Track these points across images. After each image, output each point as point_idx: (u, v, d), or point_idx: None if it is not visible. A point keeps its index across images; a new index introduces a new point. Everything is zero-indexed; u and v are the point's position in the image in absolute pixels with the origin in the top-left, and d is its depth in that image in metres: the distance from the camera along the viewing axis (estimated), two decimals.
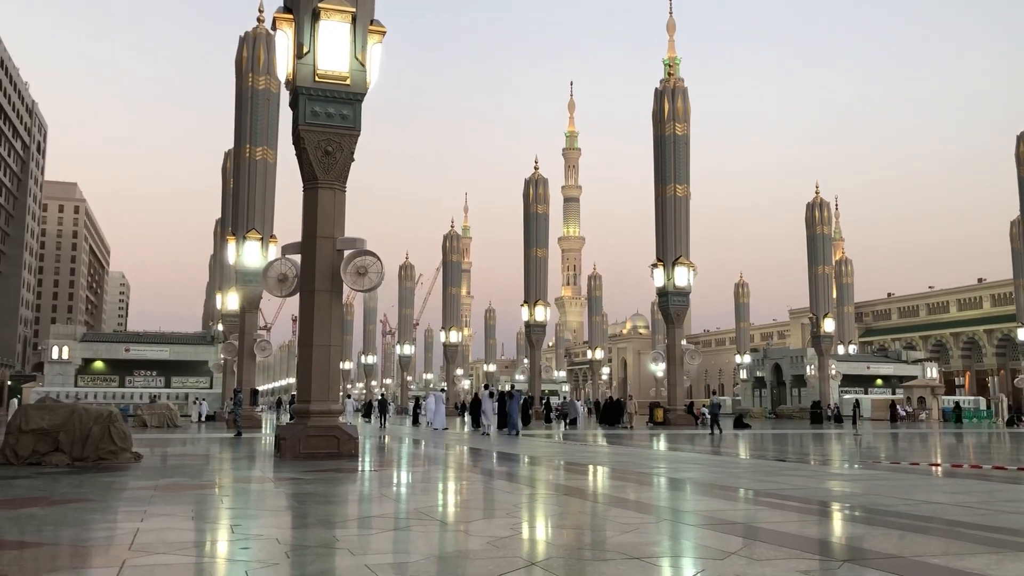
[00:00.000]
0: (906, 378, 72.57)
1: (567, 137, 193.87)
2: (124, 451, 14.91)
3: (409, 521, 7.89)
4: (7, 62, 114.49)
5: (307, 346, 16.75)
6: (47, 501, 9.19)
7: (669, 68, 50.00)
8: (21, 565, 5.67)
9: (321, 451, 15.94)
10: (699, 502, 9.59)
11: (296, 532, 7.24)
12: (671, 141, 46.63)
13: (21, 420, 14.52)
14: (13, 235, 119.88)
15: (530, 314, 61.23)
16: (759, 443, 27.59)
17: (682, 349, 46.88)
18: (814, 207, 65.45)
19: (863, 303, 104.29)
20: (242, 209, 40.66)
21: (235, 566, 5.66)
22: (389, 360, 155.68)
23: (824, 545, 6.68)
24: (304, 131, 16.67)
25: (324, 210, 16.81)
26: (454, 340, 78.99)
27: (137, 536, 6.62)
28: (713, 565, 5.54)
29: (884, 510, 8.57)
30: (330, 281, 16.72)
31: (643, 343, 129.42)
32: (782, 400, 77.43)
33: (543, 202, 62.79)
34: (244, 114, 40.73)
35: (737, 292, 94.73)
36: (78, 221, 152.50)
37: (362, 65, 16.97)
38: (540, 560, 5.83)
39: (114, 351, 60.71)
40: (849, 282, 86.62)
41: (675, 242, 45.79)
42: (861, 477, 13.63)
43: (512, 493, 10.79)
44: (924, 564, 5.59)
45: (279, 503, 9.62)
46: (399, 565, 5.63)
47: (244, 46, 41.12)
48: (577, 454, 19.76)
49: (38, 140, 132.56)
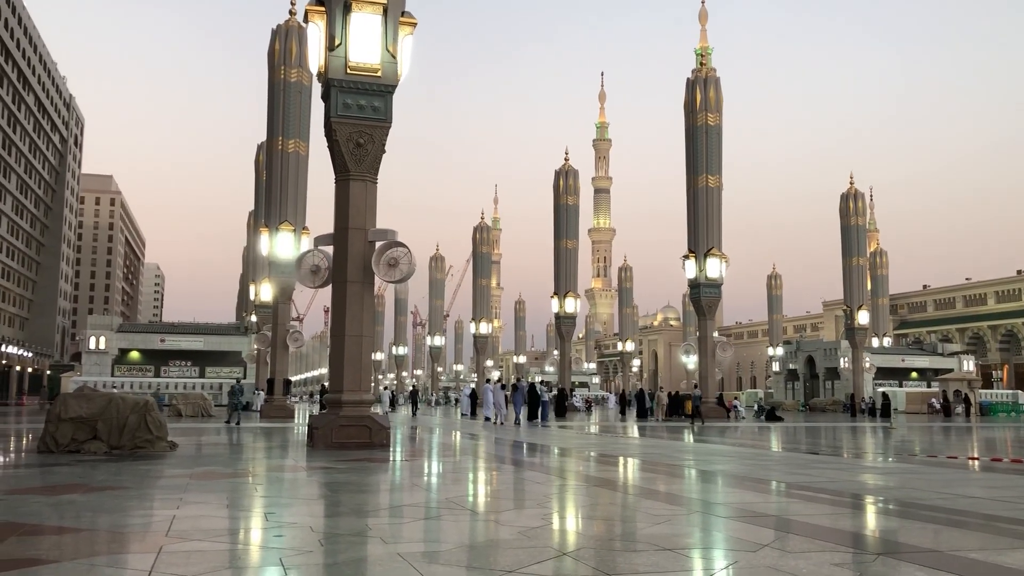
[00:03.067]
0: (942, 371, 71.52)
1: (598, 128, 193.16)
2: (160, 440, 15.13)
3: (440, 510, 7.94)
4: (46, 58, 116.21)
5: (339, 336, 16.87)
6: (86, 488, 9.35)
7: (701, 58, 49.41)
8: (61, 550, 5.78)
9: (353, 441, 16.05)
10: (730, 494, 9.53)
11: (329, 520, 7.30)
12: (703, 131, 46.22)
13: (60, 409, 14.79)
14: (52, 227, 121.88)
15: (560, 306, 61.11)
16: (791, 436, 27.36)
17: (714, 341, 46.54)
18: (848, 198, 64.59)
19: (898, 295, 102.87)
20: (275, 201, 41.00)
21: (269, 553, 5.73)
22: (419, 351, 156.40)
23: (858, 538, 6.61)
24: (336, 123, 16.76)
25: (356, 202, 16.89)
26: (484, 332, 79.11)
27: (173, 523, 6.71)
28: (746, 557, 5.51)
29: (919, 504, 8.46)
30: (362, 272, 16.81)
31: (674, 335, 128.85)
32: (815, 393, 76.66)
33: (573, 193, 62.56)
34: (276, 107, 41.03)
35: (770, 284, 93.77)
36: (114, 213, 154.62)
37: (393, 57, 17.01)
38: (571, 550, 5.83)
39: (149, 341, 61.57)
40: (884, 274, 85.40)
41: (707, 233, 45.42)
42: (895, 470, 13.48)
43: (543, 484, 10.80)
44: (961, 558, 5.50)
45: (312, 491, 9.71)
46: (431, 554, 5.67)
47: (276, 39, 41.38)
48: (609, 446, 19.72)
49: (75, 134, 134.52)
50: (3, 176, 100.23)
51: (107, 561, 5.44)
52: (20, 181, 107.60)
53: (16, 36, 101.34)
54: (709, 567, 5.41)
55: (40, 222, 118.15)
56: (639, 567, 5.20)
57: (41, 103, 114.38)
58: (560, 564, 5.28)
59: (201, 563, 5.20)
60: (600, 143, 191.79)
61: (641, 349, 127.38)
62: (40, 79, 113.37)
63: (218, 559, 5.46)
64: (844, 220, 64.69)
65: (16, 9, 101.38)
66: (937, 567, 5.17)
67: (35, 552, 5.61)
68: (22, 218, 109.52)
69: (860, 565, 5.31)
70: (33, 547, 5.80)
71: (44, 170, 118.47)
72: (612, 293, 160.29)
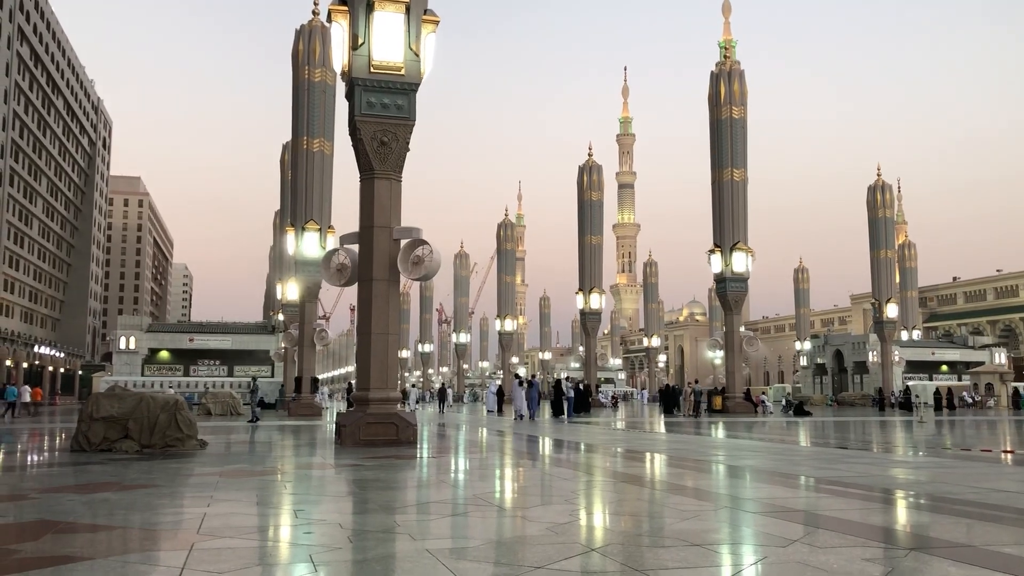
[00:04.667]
0: (973, 364, 70.62)
1: (621, 123, 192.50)
2: (190, 438, 15.30)
3: (467, 507, 7.95)
4: (74, 62, 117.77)
5: (365, 334, 16.94)
6: (118, 486, 9.47)
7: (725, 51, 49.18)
8: (95, 547, 5.86)
9: (380, 438, 16.11)
10: (759, 489, 9.47)
11: (357, 517, 7.34)
12: (727, 125, 45.94)
13: (92, 408, 15.00)
14: (81, 229, 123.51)
15: (585, 302, 61.03)
16: (820, 430, 27.14)
17: (740, 336, 46.27)
18: (876, 190, 63.94)
19: (927, 287, 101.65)
20: (300, 200, 41.27)
21: (299, 550, 5.77)
22: (445, 348, 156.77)
23: (889, 533, 6.55)
24: (360, 122, 16.83)
25: (380, 200, 16.95)
26: (509, 328, 79.19)
27: (204, 520, 6.79)
28: (775, 552, 5.47)
29: (951, 498, 8.37)
30: (387, 270, 16.87)
31: (700, 330, 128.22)
32: (843, 387, 75.99)
33: (597, 189, 62.44)
34: (301, 106, 41.30)
35: (797, 277, 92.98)
36: (142, 214, 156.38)
37: (416, 55, 17.05)
38: (598, 546, 5.82)
39: (178, 341, 62.25)
40: (912, 266, 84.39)
41: (732, 227, 45.15)
42: (926, 464, 13.32)
43: (569, 480, 10.80)
44: (996, 553, 5.43)
45: (340, 489, 9.77)
46: (459, 550, 5.68)
47: (300, 39, 41.64)
48: (635, 441, 19.67)
49: (103, 136, 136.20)
50: (34, 179, 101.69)
51: (140, 559, 5.51)
52: (50, 184, 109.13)
53: (45, 41, 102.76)
54: (738, 562, 5.38)
55: (70, 224, 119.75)
56: (667, 562, 5.19)
57: (70, 107, 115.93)
58: (588, 560, 5.28)
59: (232, 560, 5.25)
60: (624, 138, 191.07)
61: (667, 345, 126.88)
62: (69, 83, 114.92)
63: (249, 556, 5.51)
64: (871, 212, 64.04)
65: (45, 15, 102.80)
66: (971, 562, 5.11)
67: (70, 549, 5.69)
68: (53, 220, 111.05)
69: (891, 560, 5.26)
70: (68, 544, 5.89)
71: (73, 173, 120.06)
72: (637, 288, 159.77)
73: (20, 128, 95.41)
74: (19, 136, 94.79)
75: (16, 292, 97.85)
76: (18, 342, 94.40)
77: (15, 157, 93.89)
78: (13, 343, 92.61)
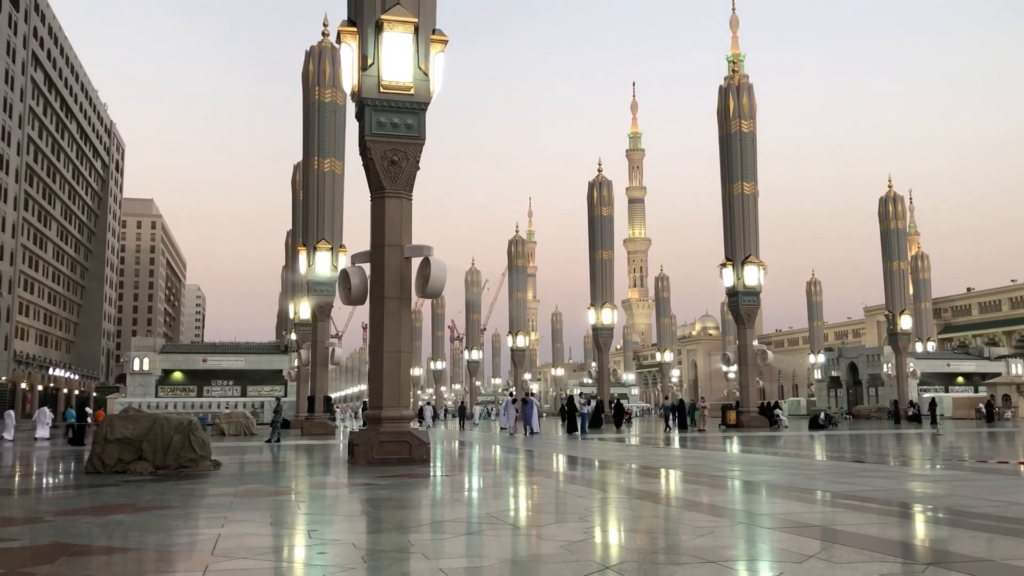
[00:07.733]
0: (989, 375, 70.01)
1: (630, 138, 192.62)
2: (204, 459, 15.32)
3: (482, 525, 7.93)
4: (87, 86, 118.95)
5: (378, 352, 16.96)
6: (133, 508, 9.49)
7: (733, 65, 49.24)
8: (110, 569, 5.87)
9: (393, 456, 16.10)
10: (775, 505, 9.41)
11: (371, 537, 7.33)
12: (737, 138, 45.91)
13: (107, 430, 15.05)
14: (95, 251, 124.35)
15: (597, 317, 60.90)
16: (836, 444, 26.94)
17: (754, 350, 46.03)
18: (887, 201, 63.68)
19: (941, 298, 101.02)
20: (312, 220, 41.47)
21: (313, 571, 5.77)
22: (457, 365, 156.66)
23: (906, 548, 6.49)
24: (370, 142, 16.93)
25: (391, 219, 17.02)
26: (521, 344, 79.04)
27: (219, 541, 6.79)
28: (791, 568, 5.43)
29: (970, 512, 8.29)
30: (399, 288, 16.92)
31: (713, 344, 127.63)
32: (858, 400, 75.45)
33: (607, 204, 62.43)
34: (312, 127, 41.58)
35: (809, 290, 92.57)
36: (155, 236, 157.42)
37: (425, 74, 17.16)
38: (614, 564, 5.79)
39: (192, 362, 62.46)
40: (926, 277, 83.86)
41: (744, 241, 45.03)
42: (944, 478, 13.21)
43: (584, 497, 10.75)
44: (1016, 568, 5.37)
45: (354, 508, 9.76)
46: (473, 569, 5.66)
47: (310, 60, 41.98)
48: (649, 457, 19.58)
49: (116, 159, 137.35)
50: (49, 203, 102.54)
51: None
52: (64, 208, 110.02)
53: (59, 66, 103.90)
54: None
55: (84, 247, 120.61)
56: None
57: (84, 131, 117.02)
58: None
59: None
60: (633, 153, 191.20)
61: (680, 359, 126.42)
62: (82, 107, 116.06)
63: None
64: (883, 224, 63.76)
65: (59, 40, 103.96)
66: None
67: (85, 572, 5.70)
68: (67, 243, 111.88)
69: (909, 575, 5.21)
70: (83, 567, 5.90)
71: (87, 196, 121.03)
72: (649, 303, 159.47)
73: (35, 152, 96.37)
74: (34, 160, 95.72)
75: (31, 315, 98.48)
76: (33, 364, 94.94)
77: (30, 181, 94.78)
78: (28, 365, 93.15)
